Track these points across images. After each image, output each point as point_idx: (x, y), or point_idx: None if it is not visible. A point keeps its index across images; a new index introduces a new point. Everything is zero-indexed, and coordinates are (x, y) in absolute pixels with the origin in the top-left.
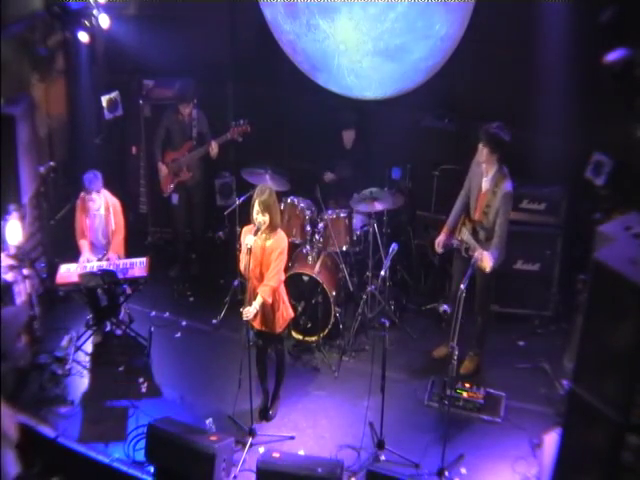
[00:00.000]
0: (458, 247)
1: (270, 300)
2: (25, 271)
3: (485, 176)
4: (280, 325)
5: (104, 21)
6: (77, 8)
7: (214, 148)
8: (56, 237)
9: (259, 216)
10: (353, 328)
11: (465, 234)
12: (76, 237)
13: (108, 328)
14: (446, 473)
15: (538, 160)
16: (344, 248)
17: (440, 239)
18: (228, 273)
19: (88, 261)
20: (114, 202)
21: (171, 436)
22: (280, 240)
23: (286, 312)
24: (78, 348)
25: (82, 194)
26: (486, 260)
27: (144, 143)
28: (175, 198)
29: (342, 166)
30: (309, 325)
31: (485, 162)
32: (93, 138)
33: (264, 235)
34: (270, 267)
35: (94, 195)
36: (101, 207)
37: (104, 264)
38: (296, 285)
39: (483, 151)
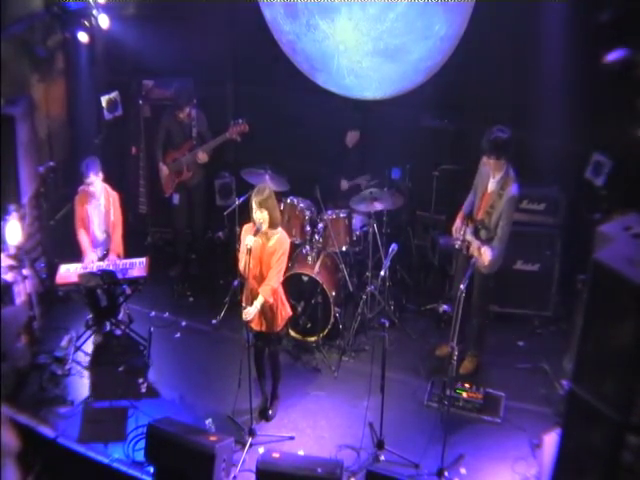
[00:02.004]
0: (460, 247)
1: (271, 300)
2: (25, 271)
3: (492, 178)
4: (279, 324)
5: (104, 21)
6: (77, 8)
7: (201, 158)
8: (56, 237)
9: (257, 214)
10: (353, 328)
11: (467, 233)
12: (75, 230)
13: (108, 328)
14: (446, 473)
15: (538, 160)
16: (344, 248)
17: (457, 225)
18: (228, 273)
19: (92, 262)
20: (114, 194)
21: (171, 436)
22: (282, 241)
23: (285, 311)
24: (78, 348)
25: (82, 187)
26: (485, 254)
27: (144, 143)
28: (176, 198)
29: (359, 176)
30: (309, 325)
31: (493, 169)
32: (93, 138)
33: (265, 235)
34: (271, 268)
35: (92, 177)
36: (102, 196)
37: (104, 264)
38: (296, 285)
39: (490, 162)
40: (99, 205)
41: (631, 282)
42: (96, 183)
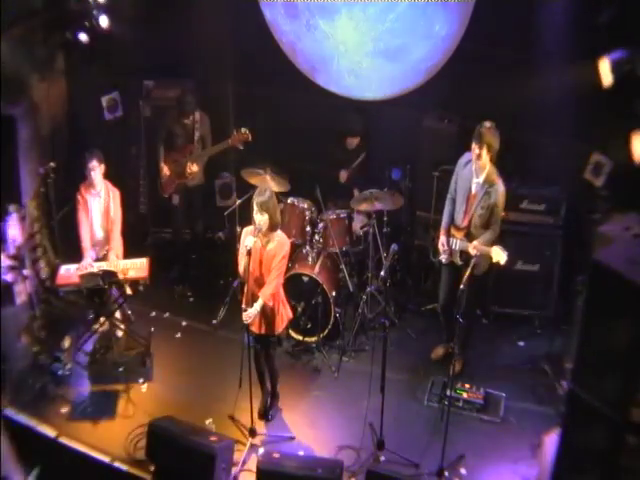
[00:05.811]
0: (448, 260)
1: (271, 303)
2: (25, 271)
3: (476, 177)
4: (279, 326)
5: (104, 21)
6: (77, 8)
7: (190, 168)
8: (56, 237)
9: (258, 216)
10: (353, 328)
11: (457, 244)
12: (77, 227)
13: (108, 328)
14: (446, 473)
15: (538, 160)
16: (344, 248)
17: (443, 241)
18: (228, 273)
19: (90, 265)
20: (115, 191)
21: (171, 436)
22: (282, 244)
23: (285, 313)
24: (78, 348)
25: (82, 185)
26: (500, 254)
27: (144, 143)
28: (175, 199)
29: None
30: (309, 325)
31: (480, 162)
32: (93, 138)
33: (265, 237)
34: (271, 271)
35: (94, 163)
36: (102, 191)
37: (104, 264)
38: (296, 285)
39: (475, 150)
40: (100, 200)
41: (631, 282)
42: (97, 171)
